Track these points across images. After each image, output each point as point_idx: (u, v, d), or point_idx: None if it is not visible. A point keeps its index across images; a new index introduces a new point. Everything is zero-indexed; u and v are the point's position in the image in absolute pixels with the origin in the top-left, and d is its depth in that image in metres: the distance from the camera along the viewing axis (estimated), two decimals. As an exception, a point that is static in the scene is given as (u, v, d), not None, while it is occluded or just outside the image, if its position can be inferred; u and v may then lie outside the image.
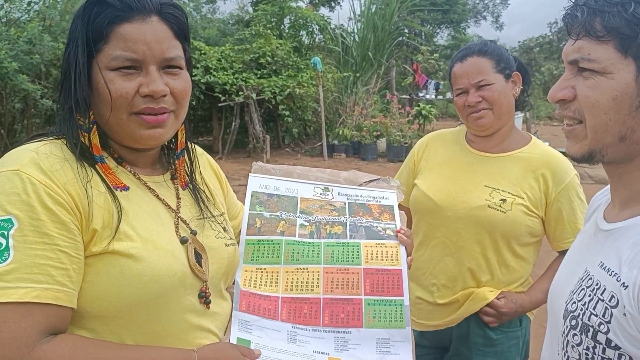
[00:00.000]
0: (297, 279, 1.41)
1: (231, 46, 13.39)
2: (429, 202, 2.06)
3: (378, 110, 14.58)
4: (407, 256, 1.49)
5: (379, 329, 1.38)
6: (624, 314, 0.91)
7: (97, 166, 1.15)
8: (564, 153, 1.46)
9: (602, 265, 1.00)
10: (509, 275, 1.99)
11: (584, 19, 0.99)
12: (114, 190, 1.13)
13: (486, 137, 2.06)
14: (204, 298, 1.22)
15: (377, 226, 1.52)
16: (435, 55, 18.81)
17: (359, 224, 1.51)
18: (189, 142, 1.35)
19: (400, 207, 1.62)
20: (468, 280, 2.01)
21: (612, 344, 0.93)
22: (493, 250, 1.97)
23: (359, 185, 1.63)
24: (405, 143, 12.81)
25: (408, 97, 17.24)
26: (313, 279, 1.41)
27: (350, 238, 1.48)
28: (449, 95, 17.78)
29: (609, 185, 1.19)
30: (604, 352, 0.94)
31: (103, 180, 1.13)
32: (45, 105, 9.79)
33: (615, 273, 0.95)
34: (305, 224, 1.49)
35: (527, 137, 2.09)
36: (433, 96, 17.16)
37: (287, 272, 1.41)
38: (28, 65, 9.55)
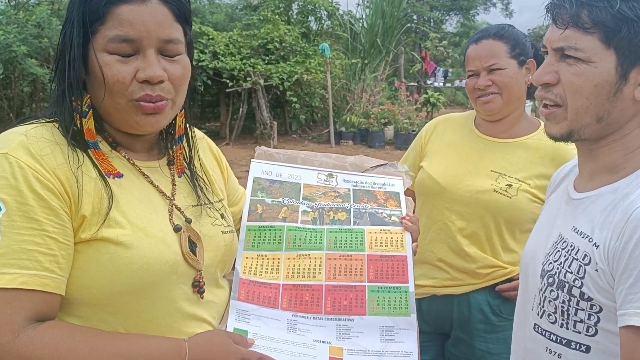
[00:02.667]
0: (299, 265, 1.38)
1: (239, 31, 13.32)
2: (434, 184, 2.06)
3: (386, 98, 14.52)
4: (413, 242, 1.46)
5: (383, 317, 1.35)
6: (596, 270, 1.05)
7: (90, 151, 1.12)
8: None
9: (575, 230, 1.14)
10: (510, 257, 1.99)
11: (573, 11, 1.07)
12: (106, 177, 1.11)
13: (494, 122, 2.05)
14: (198, 287, 1.19)
15: (381, 212, 1.50)
16: (444, 42, 18.67)
17: (363, 211, 1.49)
18: (188, 127, 1.32)
19: (406, 190, 1.60)
20: (472, 262, 2.00)
21: (585, 297, 1.07)
22: (496, 233, 1.97)
23: (365, 171, 1.61)
24: (413, 131, 12.75)
25: (416, 84, 17.15)
26: (315, 265, 1.38)
27: (354, 224, 1.46)
28: (457, 82, 17.68)
29: (572, 160, 1.38)
30: (577, 304, 1.09)
31: (95, 166, 1.11)
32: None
33: (587, 235, 1.09)
34: (308, 210, 1.47)
35: (536, 123, 2.08)
36: (441, 84, 17.05)
37: (288, 258, 1.39)
38: (37, 49, 9.55)
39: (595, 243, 1.07)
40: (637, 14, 1.04)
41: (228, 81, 12.26)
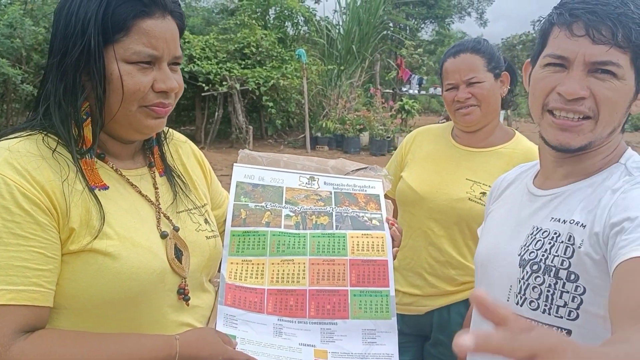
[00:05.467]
0: (283, 270, 1.40)
1: (215, 35, 13.30)
2: (412, 193, 2.10)
3: (361, 104, 14.60)
4: (394, 247, 1.49)
5: (365, 320, 1.38)
6: (579, 247, 1.13)
7: (79, 162, 1.13)
8: None
9: (554, 219, 1.21)
10: None
11: (615, 29, 1.10)
12: (92, 190, 1.12)
13: (471, 133, 2.11)
14: (183, 295, 1.21)
15: (363, 216, 1.52)
16: (419, 50, 18.82)
17: (345, 214, 1.51)
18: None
19: (386, 197, 1.64)
20: (451, 268, 2.05)
21: (572, 277, 1.13)
22: (471, 239, 2.02)
23: (346, 174, 1.63)
24: (388, 137, 12.87)
25: (391, 91, 17.26)
26: (299, 270, 1.40)
27: (336, 229, 1.48)
28: (431, 90, 17.85)
29: (512, 171, 1.52)
30: (563, 286, 1.15)
31: (83, 177, 1.12)
32: (25, 90, 9.63)
33: (567, 220, 1.18)
34: (291, 214, 1.48)
35: (510, 132, 2.14)
36: (416, 91, 17.19)
37: (272, 263, 1.40)
38: (8, 49, 9.40)
39: (579, 223, 1.15)
40: None
41: (204, 85, 12.21)
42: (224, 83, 12.27)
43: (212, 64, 12.35)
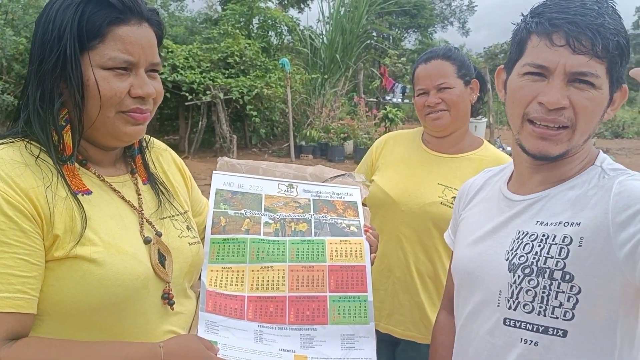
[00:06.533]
0: (263, 277, 1.41)
1: (199, 45, 13.30)
2: (385, 196, 2.12)
3: (345, 113, 14.65)
4: (371, 253, 1.51)
5: (344, 325, 1.40)
6: (579, 245, 1.13)
7: (62, 169, 1.13)
8: None
9: (541, 223, 1.22)
10: None
11: (596, 40, 1.12)
12: (76, 195, 1.12)
13: (441, 139, 2.14)
14: (167, 299, 1.22)
15: (341, 223, 1.54)
16: (402, 59, 18.95)
17: (324, 221, 1.53)
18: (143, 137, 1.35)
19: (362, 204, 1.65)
20: (420, 271, 2.06)
21: (567, 277, 1.14)
22: (441, 243, 2.02)
23: (324, 181, 1.64)
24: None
25: (375, 100, 17.35)
26: (278, 277, 1.41)
27: (315, 235, 1.49)
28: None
29: (479, 176, 1.52)
30: (558, 286, 1.15)
31: (66, 184, 1.12)
32: (6, 100, 9.56)
33: (561, 222, 1.18)
34: (270, 221, 1.49)
35: (479, 140, 2.19)
36: (400, 100, 17.29)
37: (252, 271, 1.41)
38: (-11, 59, 9.33)
39: (573, 223, 1.16)
40: (628, 46, 1.16)
41: (187, 94, 12.18)
42: (208, 92, 12.25)
43: (196, 74, 12.34)
